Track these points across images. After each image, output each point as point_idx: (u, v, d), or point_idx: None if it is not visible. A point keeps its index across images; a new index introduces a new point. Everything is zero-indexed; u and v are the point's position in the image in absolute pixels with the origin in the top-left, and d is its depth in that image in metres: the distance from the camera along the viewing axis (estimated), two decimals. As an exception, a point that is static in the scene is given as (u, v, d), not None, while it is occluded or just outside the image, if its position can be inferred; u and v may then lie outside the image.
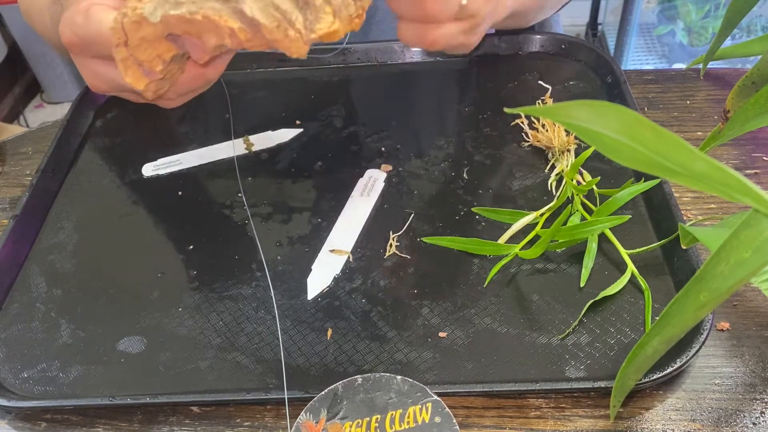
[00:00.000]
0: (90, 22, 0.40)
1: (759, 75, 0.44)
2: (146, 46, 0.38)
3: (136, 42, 0.38)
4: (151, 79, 0.40)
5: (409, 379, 0.36)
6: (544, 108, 0.28)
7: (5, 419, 0.43)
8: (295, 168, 0.57)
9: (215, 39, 0.37)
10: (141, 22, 0.37)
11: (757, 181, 0.53)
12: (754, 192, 0.24)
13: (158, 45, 0.38)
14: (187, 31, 0.37)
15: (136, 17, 0.37)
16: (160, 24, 0.37)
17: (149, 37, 0.38)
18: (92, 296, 0.48)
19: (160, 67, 0.39)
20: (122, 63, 0.39)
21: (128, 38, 0.38)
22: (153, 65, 0.39)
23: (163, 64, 0.39)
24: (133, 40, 0.38)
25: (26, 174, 0.61)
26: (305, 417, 0.37)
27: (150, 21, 0.37)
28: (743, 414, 0.39)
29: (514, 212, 0.49)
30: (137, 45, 0.38)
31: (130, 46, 0.38)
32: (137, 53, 0.38)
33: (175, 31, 0.37)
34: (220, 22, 0.36)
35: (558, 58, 0.65)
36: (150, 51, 0.38)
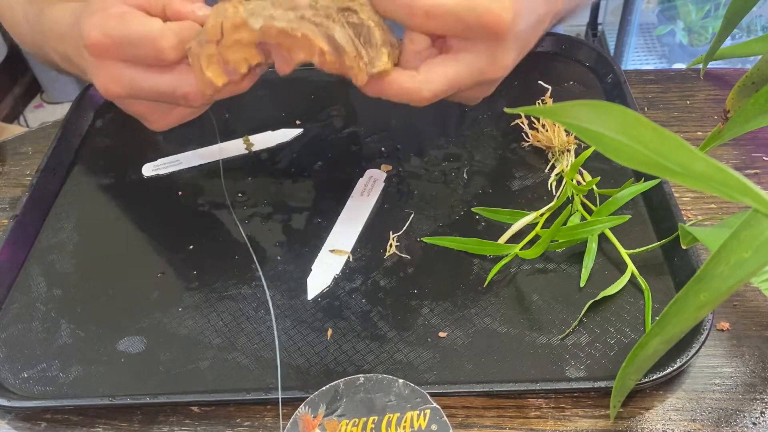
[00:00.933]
0: (130, 26, 0.41)
1: (759, 75, 0.44)
2: (237, 48, 0.40)
3: (230, 43, 0.40)
4: (230, 78, 0.42)
5: (411, 384, 0.36)
6: (544, 108, 0.28)
7: (5, 419, 0.43)
8: (295, 168, 0.57)
9: (304, 55, 0.40)
10: (241, 27, 0.39)
11: (757, 181, 0.53)
12: (754, 192, 0.24)
13: (248, 50, 0.40)
14: (282, 43, 0.39)
15: (238, 20, 0.39)
16: (258, 32, 0.39)
17: (244, 40, 0.40)
18: (92, 296, 0.48)
19: (244, 71, 0.41)
20: (207, 58, 0.40)
21: (223, 38, 0.39)
22: (239, 67, 0.41)
23: (247, 68, 0.41)
24: (227, 41, 0.40)
25: (26, 174, 0.61)
26: (304, 410, 0.37)
27: (250, 26, 0.39)
28: (743, 414, 0.39)
29: (514, 212, 0.49)
30: (229, 45, 0.40)
31: (221, 45, 0.40)
32: (227, 53, 0.40)
33: (270, 41, 0.39)
34: (315, 42, 0.39)
35: (558, 58, 0.65)
36: (239, 54, 0.40)
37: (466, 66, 0.42)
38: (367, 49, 0.40)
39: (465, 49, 0.41)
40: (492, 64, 0.42)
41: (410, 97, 0.42)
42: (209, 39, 0.40)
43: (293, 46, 0.39)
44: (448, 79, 0.41)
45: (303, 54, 0.40)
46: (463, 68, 0.42)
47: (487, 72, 0.42)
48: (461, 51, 0.42)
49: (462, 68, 0.42)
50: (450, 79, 0.42)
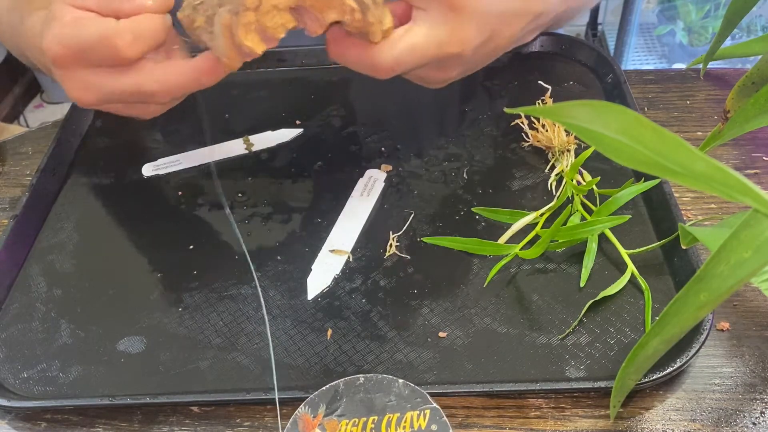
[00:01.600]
0: (84, 30, 0.41)
1: (759, 75, 0.44)
2: (274, 14, 0.41)
3: (268, 8, 0.40)
4: (268, 46, 0.42)
5: (411, 384, 0.36)
6: (544, 108, 0.28)
7: (5, 419, 0.43)
8: (295, 168, 0.57)
9: (335, 15, 0.41)
10: None
11: (757, 181, 0.53)
12: (754, 192, 0.24)
13: (285, 15, 0.41)
14: (314, 5, 0.41)
15: None
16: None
17: (281, 5, 0.40)
18: (92, 296, 0.48)
19: (281, 35, 0.42)
20: (244, 27, 0.41)
21: (261, 4, 0.40)
22: (277, 33, 0.41)
23: (284, 32, 0.42)
24: (266, 7, 0.40)
25: (26, 174, 0.61)
26: (304, 410, 0.37)
27: None
28: (743, 414, 0.39)
29: (514, 212, 0.49)
30: (267, 11, 0.40)
31: (260, 12, 0.40)
32: (265, 20, 0.41)
33: (305, 3, 0.41)
34: (346, 1, 0.41)
35: (558, 58, 0.65)
36: (277, 19, 0.41)
37: (426, 35, 0.43)
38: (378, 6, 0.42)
39: (423, 19, 0.43)
40: (450, 36, 0.43)
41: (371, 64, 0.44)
42: (248, 6, 0.40)
43: (325, 6, 0.41)
44: (408, 47, 0.43)
45: (335, 13, 0.41)
46: (422, 37, 0.43)
47: (447, 44, 0.44)
48: (420, 20, 0.43)
49: (421, 37, 0.43)
50: (410, 47, 0.43)
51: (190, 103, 0.47)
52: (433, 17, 0.43)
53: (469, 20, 0.43)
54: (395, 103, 0.62)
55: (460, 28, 0.43)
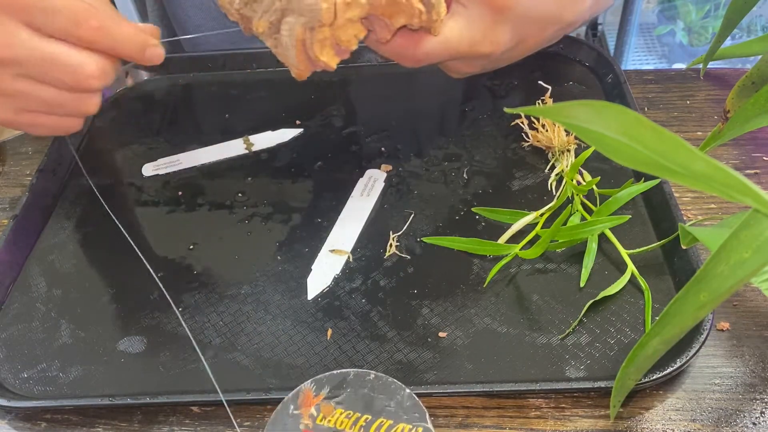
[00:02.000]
0: None
1: (759, 75, 0.44)
2: (348, 27, 0.40)
3: (343, 22, 0.39)
4: (341, 58, 0.42)
5: (416, 397, 0.36)
6: (544, 108, 0.28)
7: (5, 419, 0.43)
8: (295, 168, 0.57)
9: (404, 19, 0.41)
10: (352, 4, 0.39)
11: (757, 181, 0.53)
12: (754, 192, 0.24)
13: (356, 26, 0.40)
14: (385, 12, 0.40)
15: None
16: (367, 5, 0.39)
17: (355, 18, 0.40)
18: (92, 296, 0.48)
19: (355, 46, 0.41)
20: (320, 43, 0.40)
21: (337, 18, 0.39)
22: (351, 45, 0.41)
23: (357, 44, 0.41)
24: (341, 20, 0.39)
25: (26, 174, 0.61)
26: (308, 386, 0.37)
27: (360, 2, 0.39)
28: (743, 414, 0.39)
29: (514, 212, 0.49)
30: (341, 25, 0.40)
31: (335, 26, 0.40)
32: (340, 33, 0.40)
33: (377, 12, 0.40)
34: (415, 5, 0.40)
35: (558, 58, 0.65)
36: (350, 31, 0.40)
37: (460, 32, 0.43)
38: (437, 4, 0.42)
39: (463, 15, 0.43)
40: (485, 36, 0.43)
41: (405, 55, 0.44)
42: (323, 22, 0.39)
43: (395, 12, 0.40)
44: (442, 42, 0.43)
45: (404, 18, 0.41)
46: (457, 34, 0.43)
47: (480, 44, 0.43)
48: (459, 16, 0.43)
49: (456, 33, 0.43)
50: (443, 42, 0.43)
51: (191, 103, 0.47)
52: (473, 15, 0.43)
53: (507, 23, 0.43)
54: (395, 103, 0.62)
55: (497, 29, 0.43)
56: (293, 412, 0.36)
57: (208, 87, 0.66)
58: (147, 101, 0.66)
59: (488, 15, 0.43)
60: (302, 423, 0.36)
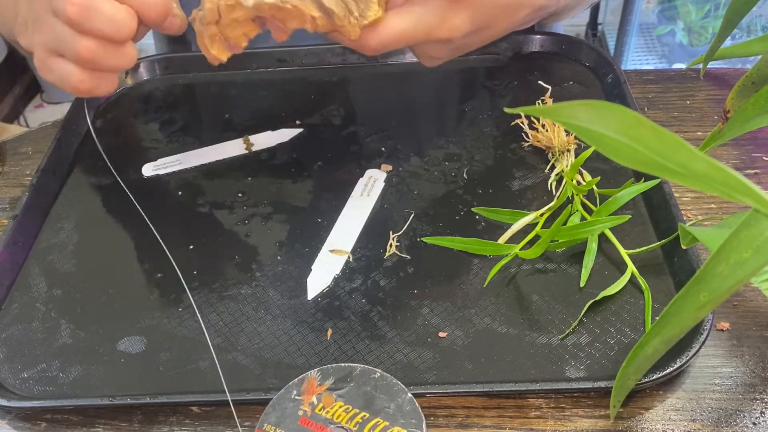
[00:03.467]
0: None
1: (759, 75, 0.44)
2: (235, 26, 0.43)
3: (227, 22, 0.43)
4: (233, 52, 0.45)
5: (416, 403, 0.36)
6: (544, 108, 0.28)
7: (5, 419, 0.43)
8: (295, 168, 0.57)
9: (297, 23, 0.43)
10: (235, 6, 0.42)
11: (757, 181, 0.53)
12: (754, 192, 0.24)
13: (246, 25, 0.44)
14: (275, 15, 0.42)
15: (232, 1, 0.42)
16: (252, 9, 0.42)
17: (240, 18, 0.43)
18: (92, 296, 0.48)
19: (245, 44, 0.45)
20: (210, 38, 0.44)
21: (221, 18, 0.42)
22: (239, 42, 0.44)
23: (247, 41, 0.44)
24: (225, 20, 0.43)
25: (26, 174, 0.61)
26: (314, 374, 0.38)
27: (244, 5, 0.42)
28: (743, 414, 0.39)
29: (514, 212, 0.49)
30: (228, 24, 0.43)
31: (221, 25, 0.43)
32: (227, 32, 0.43)
33: (264, 14, 0.42)
34: (305, 11, 0.42)
35: (558, 58, 0.65)
36: (238, 30, 0.44)
37: (416, 20, 0.44)
38: (357, 1, 0.43)
39: (418, 3, 0.44)
40: (442, 24, 0.44)
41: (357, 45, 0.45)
42: (208, 21, 0.42)
43: (286, 16, 0.42)
44: (396, 31, 0.44)
45: (296, 22, 0.43)
46: (412, 22, 0.44)
47: (437, 31, 0.44)
48: (415, 4, 0.44)
49: (411, 22, 0.44)
50: (398, 31, 0.44)
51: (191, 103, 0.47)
52: (429, 4, 0.43)
53: (464, 10, 0.44)
54: (395, 103, 0.62)
55: (453, 16, 0.44)
56: (295, 398, 0.37)
57: (208, 87, 0.67)
58: (147, 101, 0.66)
59: (444, 3, 0.44)
60: (301, 410, 0.36)
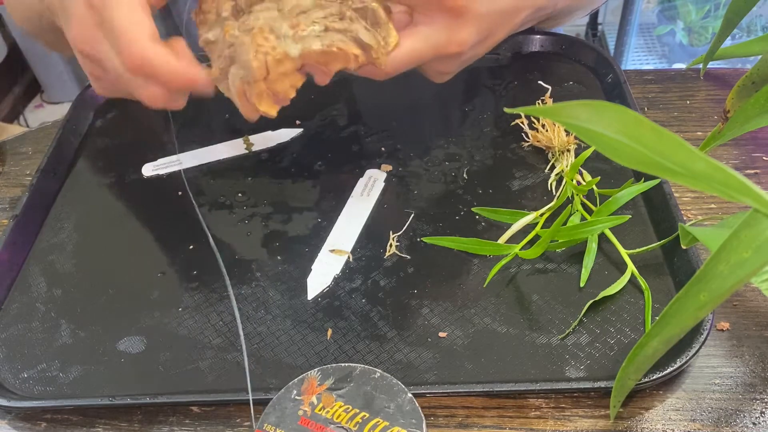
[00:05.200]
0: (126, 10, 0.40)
1: (759, 75, 0.44)
2: (282, 80, 0.41)
3: (276, 77, 0.41)
4: (281, 105, 0.43)
5: (416, 403, 0.36)
6: (544, 108, 0.28)
7: (5, 419, 0.43)
8: (295, 168, 0.57)
9: (340, 64, 0.42)
10: (283, 60, 0.40)
11: (757, 181, 0.53)
12: (754, 192, 0.24)
13: (293, 76, 0.42)
14: (319, 61, 0.41)
15: (280, 55, 0.40)
16: (299, 59, 0.40)
17: (287, 71, 0.41)
18: (92, 296, 0.48)
19: (293, 95, 0.42)
20: (257, 96, 0.41)
21: (269, 74, 0.40)
22: (287, 94, 0.42)
23: (295, 92, 0.42)
24: (274, 75, 0.40)
25: (26, 174, 0.61)
26: (314, 374, 0.38)
27: (291, 56, 0.40)
28: (743, 414, 0.39)
29: (514, 212, 0.49)
30: (275, 79, 0.41)
31: (269, 81, 0.41)
32: (275, 86, 0.41)
33: (311, 62, 0.41)
34: (349, 52, 0.41)
35: (558, 58, 0.65)
36: (286, 82, 0.41)
37: (425, 40, 0.44)
38: (378, 30, 0.42)
39: (424, 23, 0.44)
40: (450, 40, 0.44)
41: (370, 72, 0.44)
42: (257, 79, 0.40)
43: (330, 60, 0.41)
44: (407, 52, 0.43)
45: (339, 64, 0.42)
46: (421, 42, 0.44)
47: (446, 47, 0.44)
48: (421, 24, 0.44)
49: (420, 42, 0.44)
50: (408, 52, 0.43)
51: (191, 103, 0.47)
52: (434, 22, 0.44)
53: (468, 23, 0.44)
54: (395, 103, 0.62)
55: (459, 31, 0.44)
56: (295, 398, 0.37)
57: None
58: (147, 101, 0.66)
59: (448, 20, 0.44)
60: (301, 409, 0.36)
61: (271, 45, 0.40)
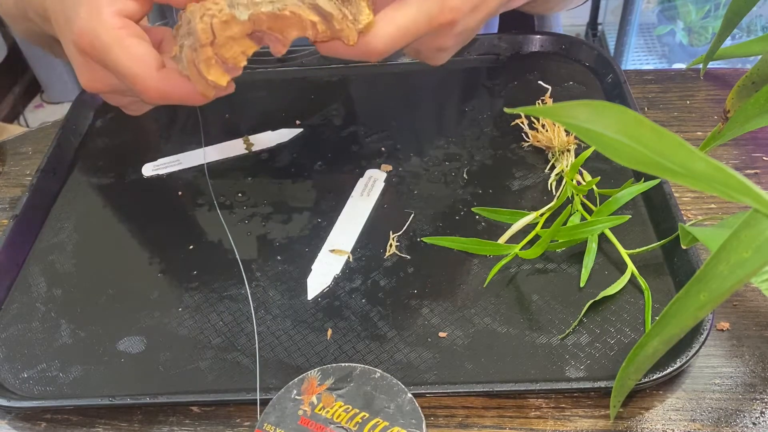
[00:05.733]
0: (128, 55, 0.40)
1: (759, 75, 0.44)
2: (232, 44, 0.40)
3: (223, 41, 0.39)
4: (232, 75, 0.41)
5: (416, 403, 0.36)
6: (544, 108, 0.28)
7: (5, 419, 0.43)
8: (295, 168, 0.57)
9: (297, 32, 0.40)
10: (230, 22, 0.39)
11: (757, 181, 0.53)
12: (754, 192, 0.24)
13: (243, 42, 0.40)
14: (272, 27, 0.39)
15: (226, 17, 0.39)
16: (248, 22, 0.39)
17: (236, 35, 0.39)
18: (92, 296, 0.48)
19: (243, 63, 0.41)
20: (205, 62, 0.40)
21: (216, 38, 0.39)
22: (237, 61, 0.40)
23: (245, 60, 0.41)
24: (221, 39, 0.39)
25: (26, 174, 0.61)
26: (314, 374, 0.38)
27: (239, 20, 0.39)
28: (743, 414, 0.39)
29: (514, 212, 0.49)
30: (223, 43, 0.39)
31: (216, 45, 0.39)
32: (223, 51, 0.40)
33: (262, 27, 0.39)
34: (304, 17, 0.39)
35: (558, 58, 0.65)
36: (235, 48, 0.40)
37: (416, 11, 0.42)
38: (348, 6, 0.40)
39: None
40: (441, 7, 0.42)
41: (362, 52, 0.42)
42: (202, 43, 0.39)
43: (284, 26, 0.39)
44: (399, 26, 0.41)
45: (295, 31, 0.40)
46: (413, 14, 0.42)
47: (438, 16, 0.42)
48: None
49: (412, 14, 0.42)
50: (401, 26, 0.41)
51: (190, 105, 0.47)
52: None
53: None
54: (395, 103, 0.62)
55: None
56: (295, 397, 0.37)
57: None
58: (147, 101, 0.66)
59: None
60: (301, 409, 0.36)
61: (218, 8, 0.39)
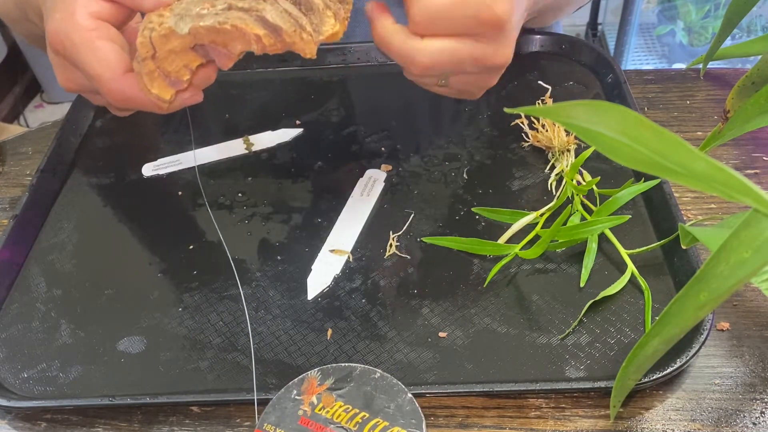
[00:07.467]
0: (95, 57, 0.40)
1: (759, 75, 0.44)
2: (173, 58, 0.39)
3: (164, 54, 0.39)
4: (177, 89, 0.41)
5: (416, 403, 0.36)
6: (544, 108, 0.28)
7: (5, 419, 0.43)
8: (295, 168, 0.57)
9: (241, 46, 0.38)
10: (169, 35, 0.38)
11: (757, 181, 0.53)
12: (754, 192, 0.24)
13: (185, 55, 0.39)
14: (215, 40, 0.38)
15: (165, 30, 0.38)
16: (188, 36, 0.38)
17: (177, 48, 0.39)
18: (92, 296, 0.48)
19: (187, 77, 0.40)
20: (148, 76, 0.39)
21: (156, 51, 0.38)
22: (180, 75, 0.40)
23: (189, 73, 0.40)
24: (161, 53, 0.39)
25: (26, 174, 0.61)
26: (314, 374, 0.38)
27: (178, 33, 0.38)
28: (743, 414, 0.39)
29: (514, 212, 0.49)
30: (164, 57, 0.39)
31: (157, 59, 0.39)
32: (165, 65, 0.39)
33: (203, 41, 0.38)
34: (247, 30, 0.38)
35: (558, 58, 0.65)
36: (177, 62, 0.39)
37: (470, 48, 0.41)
38: (310, 16, 0.39)
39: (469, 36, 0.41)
40: (495, 53, 0.42)
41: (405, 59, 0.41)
42: (143, 56, 0.38)
43: (227, 39, 0.38)
44: (448, 52, 0.41)
45: (240, 45, 0.39)
46: (465, 48, 0.41)
47: (491, 59, 0.42)
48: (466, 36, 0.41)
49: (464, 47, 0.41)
50: (449, 52, 0.41)
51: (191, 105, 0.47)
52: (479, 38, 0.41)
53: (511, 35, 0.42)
54: (395, 103, 0.62)
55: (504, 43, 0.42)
56: (295, 397, 0.37)
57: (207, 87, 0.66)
58: (147, 101, 0.66)
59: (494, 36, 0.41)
60: (301, 409, 0.36)
61: (159, 21, 0.38)
